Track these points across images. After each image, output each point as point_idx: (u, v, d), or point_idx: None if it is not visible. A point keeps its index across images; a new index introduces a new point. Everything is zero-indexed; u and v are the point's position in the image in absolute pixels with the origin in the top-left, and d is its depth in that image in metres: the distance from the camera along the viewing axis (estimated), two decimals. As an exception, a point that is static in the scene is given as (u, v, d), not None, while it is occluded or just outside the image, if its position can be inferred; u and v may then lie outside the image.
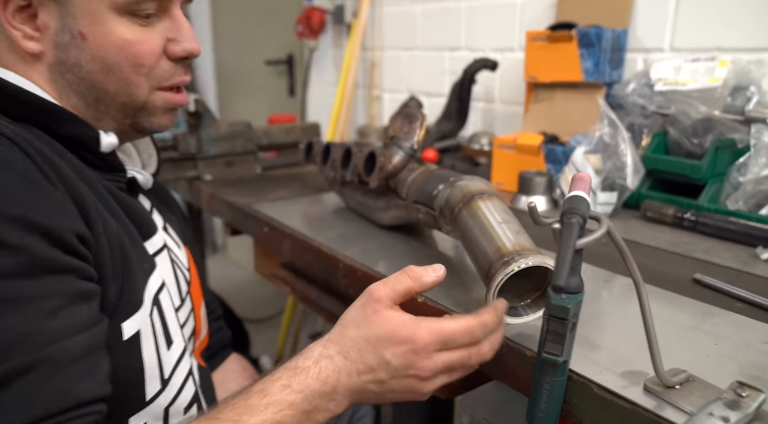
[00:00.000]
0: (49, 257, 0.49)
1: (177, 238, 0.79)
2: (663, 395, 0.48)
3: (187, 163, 1.35)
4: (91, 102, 0.64)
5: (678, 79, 1.04)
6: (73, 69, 0.62)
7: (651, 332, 0.49)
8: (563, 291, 0.45)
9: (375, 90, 2.07)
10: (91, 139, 0.63)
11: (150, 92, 0.66)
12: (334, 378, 0.53)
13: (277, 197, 1.20)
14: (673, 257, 0.82)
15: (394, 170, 0.91)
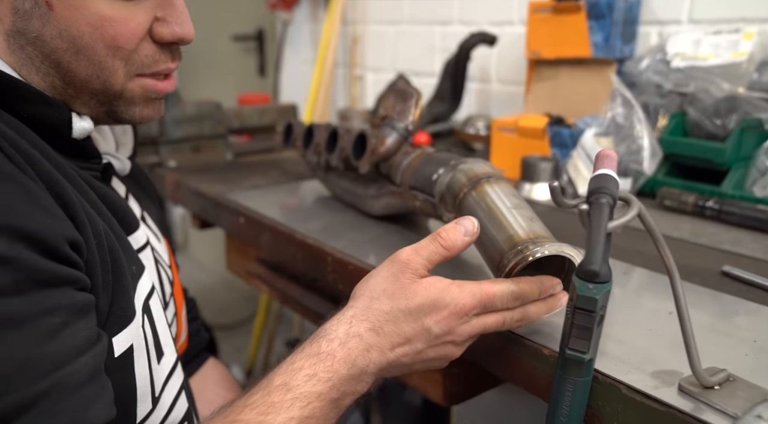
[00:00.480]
0: (43, 268, 0.46)
1: (156, 229, 0.77)
2: (701, 397, 0.48)
3: (147, 148, 1.32)
4: (57, 83, 0.60)
5: (698, 54, 1.04)
6: (34, 42, 0.57)
7: (687, 326, 0.48)
8: (594, 279, 0.44)
9: (357, 69, 2.06)
10: (63, 122, 0.59)
11: (127, 79, 0.61)
12: (364, 358, 0.54)
13: (252, 185, 1.19)
14: (698, 249, 0.82)
15: (387, 153, 0.90)
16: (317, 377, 0.51)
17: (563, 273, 0.62)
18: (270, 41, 2.57)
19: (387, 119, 0.93)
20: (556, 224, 0.66)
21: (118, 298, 0.56)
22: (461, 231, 0.59)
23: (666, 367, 0.52)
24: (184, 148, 1.36)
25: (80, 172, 0.60)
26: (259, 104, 1.57)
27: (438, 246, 0.58)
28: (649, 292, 0.71)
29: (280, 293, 1.06)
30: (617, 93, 1.01)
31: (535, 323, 0.61)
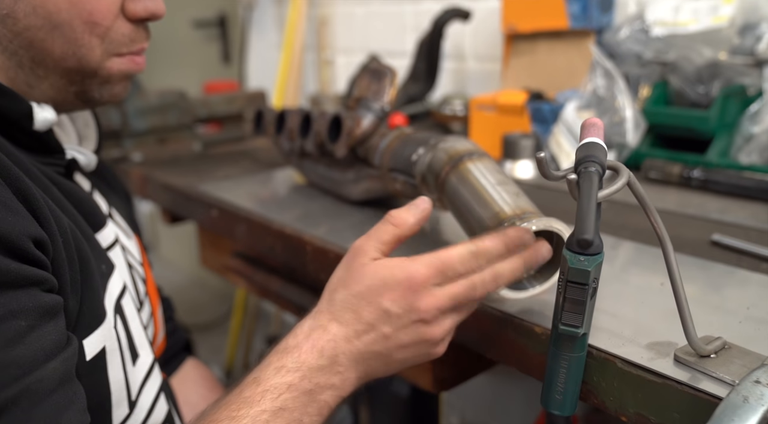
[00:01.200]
0: (6, 268, 0.45)
1: (125, 226, 0.76)
2: (697, 366, 0.49)
3: (109, 142, 1.30)
4: (25, 63, 0.59)
5: (677, 21, 1.05)
6: (5, 20, 0.57)
7: (681, 295, 0.49)
8: (587, 250, 0.44)
9: (326, 52, 2.04)
10: (23, 115, 0.58)
11: (104, 58, 0.62)
12: (331, 347, 0.53)
13: (224, 176, 1.18)
14: (685, 220, 0.83)
15: (363, 136, 0.89)
16: (285, 368, 0.52)
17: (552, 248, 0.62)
18: (233, 26, 2.54)
19: (362, 100, 0.93)
20: (542, 203, 0.66)
21: (87, 298, 0.55)
22: (411, 209, 0.58)
23: (660, 338, 0.53)
24: (149, 140, 1.34)
25: (42, 167, 0.59)
26: (226, 92, 1.55)
27: (387, 225, 0.57)
28: (639, 265, 0.72)
29: (258, 286, 1.05)
30: (597, 64, 1.01)
31: (525, 302, 0.61)
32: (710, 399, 0.45)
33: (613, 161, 0.50)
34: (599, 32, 1.19)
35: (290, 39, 2.03)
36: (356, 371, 0.55)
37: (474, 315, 0.62)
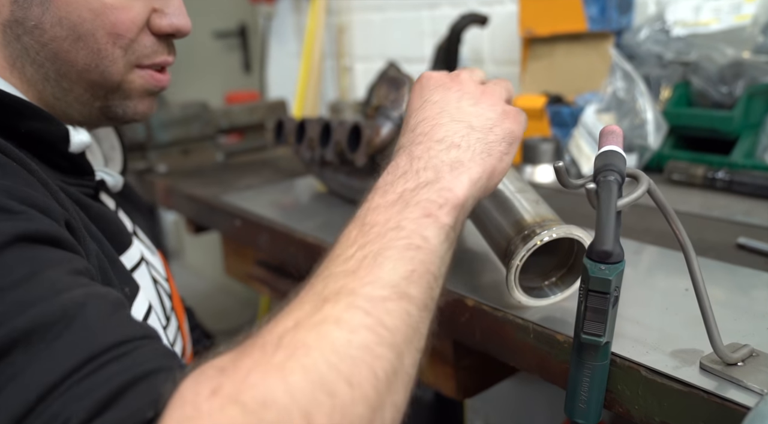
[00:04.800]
0: (56, 229, 0.46)
1: (149, 242, 0.77)
2: (724, 374, 0.48)
3: (135, 154, 1.33)
4: (51, 76, 0.60)
5: (699, 21, 1.04)
6: (32, 31, 0.58)
7: (705, 302, 0.48)
8: (607, 259, 0.44)
9: (345, 59, 2.05)
10: (60, 138, 0.59)
11: (127, 70, 0.62)
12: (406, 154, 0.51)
13: (246, 186, 1.20)
14: (710, 222, 0.82)
15: (383, 144, 0.90)
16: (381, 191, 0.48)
17: (572, 256, 0.62)
18: (253, 36, 2.56)
19: (381, 109, 0.93)
20: (562, 207, 0.66)
21: None
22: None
23: (685, 346, 0.52)
24: (172, 151, 1.36)
25: (71, 189, 0.60)
26: (248, 102, 1.57)
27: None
28: (663, 270, 0.71)
29: (282, 294, 1.06)
30: (617, 67, 1.00)
31: (546, 309, 0.61)
32: (738, 409, 0.45)
33: (632, 169, 0.49)
34: (618, 34, 1.17)
35: (309, 47, 2.04)
36: (426, 158, 0.50)
37: (496, 322, 0.62)
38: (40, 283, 0.40)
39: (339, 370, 0.35)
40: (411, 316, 0.41)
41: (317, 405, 0.33)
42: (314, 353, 0.35)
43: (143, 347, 0.39)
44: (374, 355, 0.37)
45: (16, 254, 0.41)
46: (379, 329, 0.38)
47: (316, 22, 2.02)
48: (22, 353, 0.36)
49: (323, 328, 0.37)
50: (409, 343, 0.40)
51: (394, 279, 0.41)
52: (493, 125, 0.53)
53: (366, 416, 0.35)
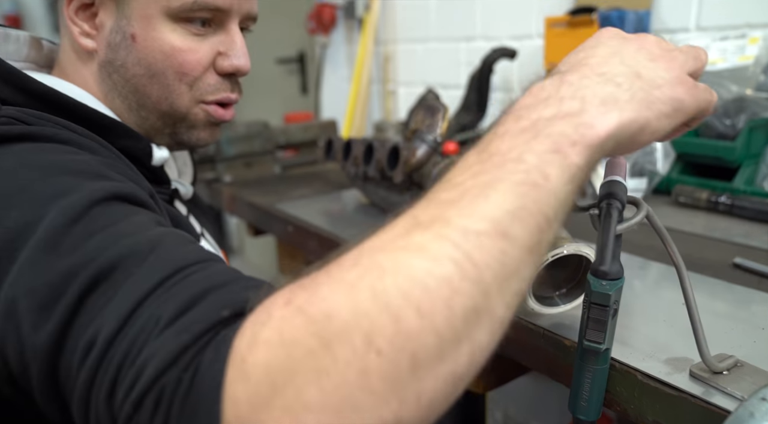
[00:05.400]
0: (144, 195, 0.48)
1: (214, 243, 0.80)
2: (710, 381, 0.48)
3: (205, 165, 1.36)
4: (133, 106, 0.64)
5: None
6: (119, 70, 0.62)
7: (695, 316, 0.49)
8: (607, 276, 0.45)
9: (390, 84, 2.07)
10: (144, 153, 0.63)
11: (192, 104, 0.65)
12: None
13: (299, 196, 1.21)
14: (711, 242, 0.81)
15: (418, 164, 0.91)
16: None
17: (581, 271, 0.63)
18: (310, 62, 2.60)
19: (417, 132, 0.95)
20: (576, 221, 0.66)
21: None
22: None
23: (678, 354, 0.53)
24: (237, 164, 1.39)
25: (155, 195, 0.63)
26: (303, 121, 1.59)
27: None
28: (664, 284, 0.71)
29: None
30: (630, 99, 1.00)
31: (556, 317, 0.62)
32: (721, 412, 0.45)
33: (633, 197, 0.50)
34: (634, 69, 1.17)
35: (358, 73, 2.07)
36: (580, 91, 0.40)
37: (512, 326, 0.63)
38: (131, 224, 0.42)
39: (409, 297, 0.31)
40: (508, 255, 0.34)
41: (380, 327, 0.31)
42: (387, 276, 0.32)
43: (217, 265, 0.40)
44: (453, 288, 0.32)
45: (114, 205, 0.44)
46: (465, 263, 0.33)
47: (365, 51, 2.05)
48: (121, 272, 0.38)
49: (404, 253, 0.33)
50: (500, 283, 0.34)
51: (496, 214, 0.34)
52: (663, 84, 0.42)
53: (433, 347, 0.31)
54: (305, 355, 0.30)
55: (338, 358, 0.30)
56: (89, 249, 0.39)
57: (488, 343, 0.35)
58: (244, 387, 0.30)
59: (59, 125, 0.53)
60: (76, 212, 0.41)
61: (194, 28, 0.62)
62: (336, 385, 0.30)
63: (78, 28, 0.61)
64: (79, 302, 0.37)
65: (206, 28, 0.63)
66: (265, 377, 0.30)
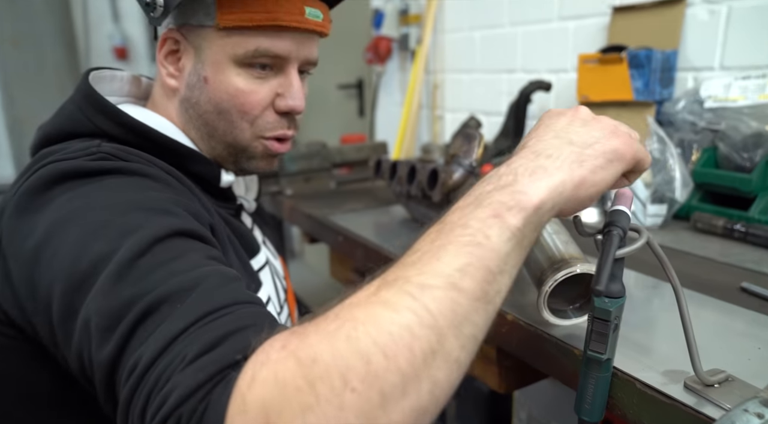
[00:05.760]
0: (202, 229, 0.53)
1: (273, 250, 0.84)
2: (702, 393, 0.49)
3: (270, 180, 1.43)
4: (205, 137, 0.69)
5: (728, 97, 1.02)
6: (194, 106, 0.67)
7: (690, 334, 0.50)
8: (603, 295, 0.47)
9: (437, 110, 2.10)
10: (214, 177, 0.68)
11: (252, 139, 0.69)
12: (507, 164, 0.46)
13: (350, 209, 1.25)
14: (723, 267, 0.81)
15: (454, 185, 0.94)
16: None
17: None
18: (368, 88, 2.67)
19: (455, 157, 0.98)
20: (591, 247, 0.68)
21: None
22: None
23: (676, 367, 0.54)
24: (298, 179, 1.45)
25: (220, 210, 0.69)
26: (357, 143, 1.64)
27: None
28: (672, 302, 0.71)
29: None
30: (653, 132, 1.00)
31: (568, 328, 0.63)
32: (709, 421, 0.46)
33: (636, 225, 0.52)
34: (660, 103, 1.17)
35: (410, 99, 2.11)
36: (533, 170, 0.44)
37: (528, 335, 0.65)
38: (185, 260, 0.48)
39: (377, 342, 0.35)
40: (459, 304, 0.37)
41: (353, 368, 0.34)
42: (360, 326, 0.35)
43: (245, 309, 0.44)
44: (413, 333, 0.35)
45: (174, 241, 0.49)
46: (422, 312, 0.36)
47: (416, 79, 2.08)
48: (168, 307, 0.43)
49: (372, 307, 0.37)
50: (454, 328, 0.37)
51: (447, 271, 0.38)
52: (595, 141, 0.46)
53: (398, 384, 0.34)
54: (294, 393, 0.33)
55: (320, 396, 0.33)
56: (147, 282, 0.45)
57: (446, 381, 0.37)
58: (243, 419, 0.34)
59: (145, 160, 0.59)
60: (141, 248, 0.47)
61: (256, 72, 0.66)
62: (319, 419, 0.33)
63: (165, 70, 0.68)
64: (132, 330, 0.43)
65: (267, 71, 0.67)
66: (260, 411, 0.34)
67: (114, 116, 0.61)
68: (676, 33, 1.19)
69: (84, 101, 0.62)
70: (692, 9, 1.17)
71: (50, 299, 0.48)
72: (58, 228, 0.50)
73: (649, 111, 1.15)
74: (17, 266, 0.52)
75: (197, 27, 0.65)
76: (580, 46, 1.44)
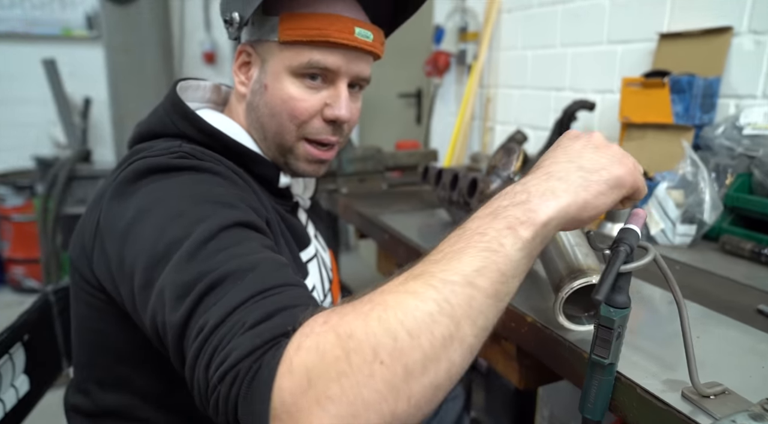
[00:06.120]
0: (259, 221, 0.57)
1: (323, 243, 0.88)
2: (698, 403, 0.49)
3: (329, 179, 1.48)
4: (261, 137, 0.73)
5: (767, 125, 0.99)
6: (255, 110, 0.72)
7: (689, 347, 0.50)
8: (600, 303, 0.48)
9: (489, 122, 2.10)
10: (274, 177, 0.73)
11: (296, 140, 0.72)
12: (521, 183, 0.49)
13: (398, 210, 1.28)
14: (745, 289, 0.79)
15: (491, 194, 0.96)
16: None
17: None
18: (426, 99, 2.69)
19: (495, 168, 0.99)
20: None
21: None
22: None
23: (677, 377, 0.54)
24: (353, 179, 1.49)
25: (276, 206, 0.73)
26: (410, 149, 1.67)
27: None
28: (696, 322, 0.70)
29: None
30: (688, 155, 0.98)
31: (581, 334, 0.64)
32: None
33: (645, 243, 0.52)
34: (699, 127, 1.14)
35: (463, 110, 2.12)
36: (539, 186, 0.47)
37: (545, 336, 0.66)
38: (245, 247, 0.52)
39: (404, 324, 0.38)
40: (474, 299, 0.41)
41: (382, 344, 0.38)
42: (389, 310, 0.39)
43: (293, 290, 0.48)
44: (434, 319, 0.39)
45: (236, 230, 0.54)
46: (443, 302, 0.40)
47: (471, 92, 2.09)
48: (230, 283, 0.48)
49: (401, 295, 0.40)
50: (469, 318, 0.40)
51: (465, 270, 0.41)
52: (601, 168, 0.49)
53: (420, 361, 0.38)
54: (332, 361, 0.37)
55: (353, 365, 0.37)
56: (213, 262, 0.49)
57: (461, 363, 0.41)
58: (289, 380, 0.38)
59: (216, 160, 0.64)
60: (210, 234, 0.52)
61: (308, 82, 0.69)
62: (351, 384, 0.37)
63: (238, 79, 0.73)
64: (199, 299, 0.47)
65: (318, 83, 0.70)
66: (304, 374, 0.38)
67: (193, 121, 0.67)
68: (720, 61, 1.15)
69: (171, 107, 0.68)
70: (738, 38, 1.13)
71: (133, 271, 0.54)
72: (143, 214, 0.56)
73: (688, 135, 1.12)
74: (111, 241, 0.58)
75: (265, 42, 0.70)
76: (626, 69, 1.42)
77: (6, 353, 0.90)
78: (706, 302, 0.74)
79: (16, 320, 0.96)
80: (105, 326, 0.63)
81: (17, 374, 0.93)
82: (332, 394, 0.37)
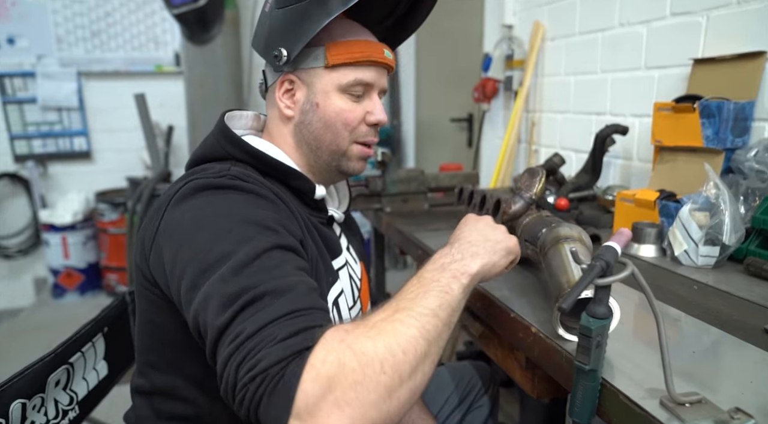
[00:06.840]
0: (295, 244, 0.66)
1: (355, 255, 0.94)
2: (673, 410, 0.51)
3: (374, 198, 1.54)
4: (313, 149, 0.81)
5: (792, 149, 0.96)
6: (307, 126, 0.80)
7: (666, 358, 0.52)
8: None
9: (534, 145, 2.11)
10: (310, 190, 0.80)
11: (349, 144, 0.81)
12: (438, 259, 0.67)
13: (434, 229, 1.32)
14: (759, 309, 0.78)
15: (513, 215, 0.99)
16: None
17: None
18: (475, 123, 2.73)
19: (518, 190, 1.02)
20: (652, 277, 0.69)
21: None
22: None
23: (659, 386, 0.55)
24: (396, 199, 1.54)
25: (311, 218, 0.80)
26: (452, 171, 1.71)
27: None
28: (684, 333, 0.71)
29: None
30: (711, 178, 0.98)
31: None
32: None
33: (623, 260, 0.55)
34: (731, 150, 1.12)
35: (509, 133, 2.15)
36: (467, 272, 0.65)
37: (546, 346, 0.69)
38: (280, 269, 0.60)
39: (399, 344, 0.51)
40: (437, 327, 0.56)
41: (385, 359, 0.50)
42: (389, 334, 0.52)
43: (317, 313, 0.56)
44: (417, 341, 0.53)
45: (276, 252, 0.62)
46: (421, 329, 0.54)
47: (517, 116, 2.12)
48: (268, 300, 0.55)
49: (394, 324, 0.54)
50: (436, 340, 0.55)
51: (432, 306, 0.57)
52: (499, 241, 0.72)
53: (408, 371, 0.51)
54: (350, 371, 0.48)
55: (366, 375, 0.48)
56: (255, 279, 0.57)
57: (429, 372, 0.54)
58: (313, 386, 0.47)
59: (259, 182, 0.72)
60: (255, 253, 0.60)
61: (352, 97, 0.79)
62: (363, 390, 0.47)
63: (283, 104, 0.81)
64: (240, 310, 0.55)
65: (359, 96, 0.80)
66: (327, 381, 0.47)
67: (239, 145, 0.77)
68: (755, 84, 1.13)
69: (220, 135, 0.78)
70: (771, 62, 1.11)
71: (183, 273, 0.63)
72: (196, 227, 0.65)
73: (718, 158, 1.11)
74: (167, 245, 0.67)
75: (309, 69, 0.78)
76: (662, 93, 1.41)
77: (90, 341, 1.04)
78: (715, 322, 0.74)
79: (98, 315, 1.09)
80: (159, 317, 0.73)
81: (98, 360, 1.07)
82: (349, 398, 0.47)
